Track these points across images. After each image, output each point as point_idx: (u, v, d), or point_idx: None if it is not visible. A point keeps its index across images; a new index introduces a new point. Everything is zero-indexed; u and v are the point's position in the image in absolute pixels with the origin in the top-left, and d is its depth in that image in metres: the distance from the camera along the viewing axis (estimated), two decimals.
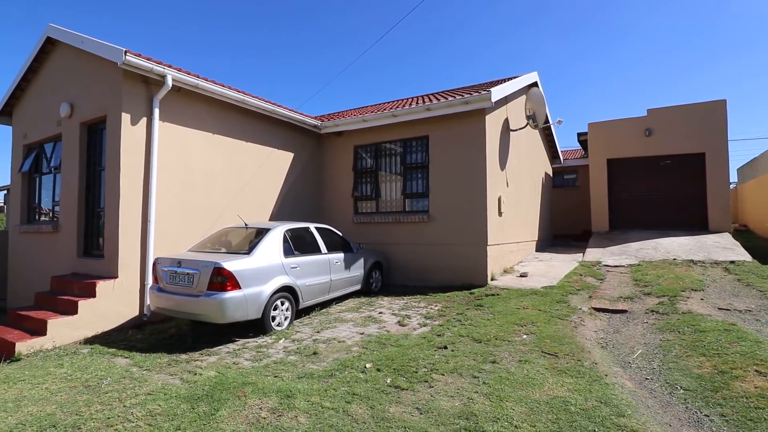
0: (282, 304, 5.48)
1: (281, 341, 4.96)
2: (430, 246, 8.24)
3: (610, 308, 5.92)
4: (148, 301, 6.02)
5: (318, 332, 5.29)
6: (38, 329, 5.24)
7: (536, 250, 11.46)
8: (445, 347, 4.40)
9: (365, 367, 3.93)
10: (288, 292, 5.59)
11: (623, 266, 8.70)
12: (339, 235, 7.24)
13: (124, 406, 3.31)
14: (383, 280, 8.17)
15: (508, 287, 7.24)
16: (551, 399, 3.22)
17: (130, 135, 6.05)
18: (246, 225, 6.22)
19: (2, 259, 8.94)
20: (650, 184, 12.45)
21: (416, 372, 3.77)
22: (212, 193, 7.22)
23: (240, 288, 4.91)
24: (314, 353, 4.43)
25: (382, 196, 9.16)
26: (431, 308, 6.33)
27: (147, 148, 6.22)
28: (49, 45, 7.42)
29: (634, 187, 12.66)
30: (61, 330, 5.23)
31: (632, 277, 7.65)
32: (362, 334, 5.13)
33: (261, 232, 5.84)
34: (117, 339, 5.37)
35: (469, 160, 7.86)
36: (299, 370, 3.98)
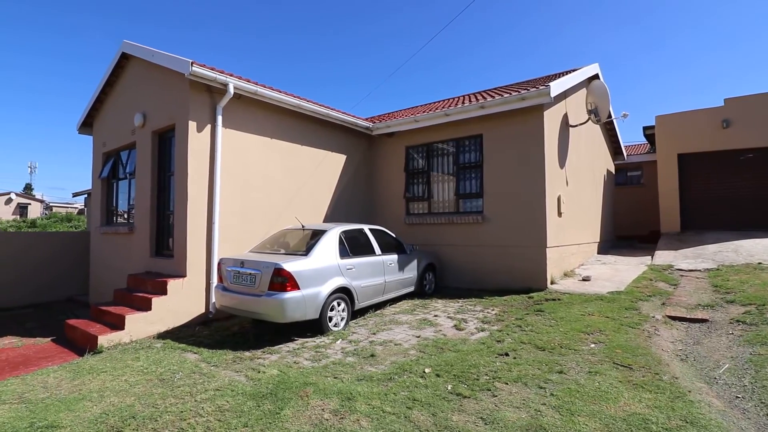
0: (338, 305, 5.55)
1: (338, 342, 5.01)
2: (484, 248, 8.02)
3: (688, 317, 5.44)
4: (213, 299, 6.33)
5: (374, 334, 5.30)
6: (117, 324, 5.66)
7: (598, 253, 10.83)
8: (507, 354, 4.24)
9: (424, 371, 3.87)
10: (344, 293, 5.65)
11: (699, 270, 7.99)
12: (392, 236, 7.22)
13: (195, 401, 3.47)
14: (436, 282, 8.06)
15: (569, 292, 6.87)
16: (629, 415, 2.98)
17: (196, 142, 6.38)
18: (303, 227, 6.37)
19: (85, 258, 9.80)
20: (728, 181, 11.37)
21: (477, 379, 3.65)
22: (270, 196, 7.46)
23: (299, 288, 5.02)
24: (372, 355, 4.43)
25: (434, 197, 9.05)
26: (488, 312, 6.15)
27: (211, 153, 6.54)
28: (124, 60, 8.02)
29: (709, 183, 11.62)
30: (137, 325, 5.62)
31: (711, 283, 7.00)
32: (418, 337, 5.07)
33: (317, 234, 5.95)
34: (186, 335, 5.69)
35: (526, 158, 7.56)
36: (358, 372, 3.99)
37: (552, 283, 7.37)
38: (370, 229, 6.73)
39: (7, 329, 7.02)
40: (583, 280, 7.67)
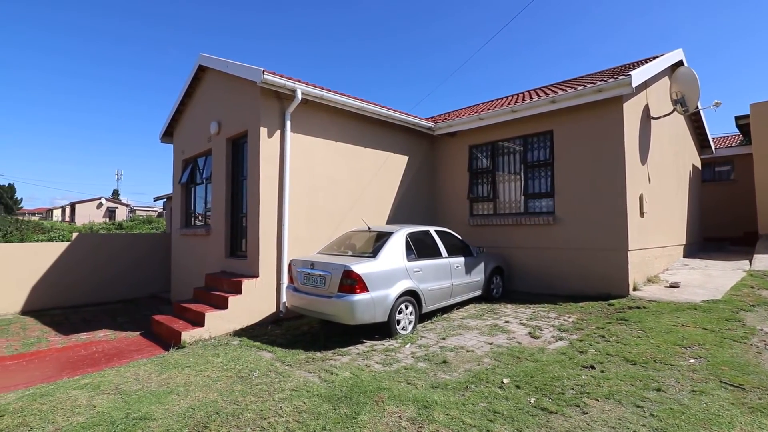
0: (406, 308, 5.47)
1: (408, 346, 4.93)
2: (556, 250, 7.57)
3: None
4: (284, 299, 6.52)
5: (443, 339, 5.16)
6: (197, 321, 6.00)
7: (684, 256, 9.86)
8: (593, 367, 3.92)
9: (502, 382, 3.67)
10: (411, 296, 5.57)
11: None
12: (459, 238, 7.03)
13: (274, 400, 3.54)
14: (504, 286, 7.73)
15: (656, 299, 6.28)
16: None
17: (267, 147, 6.62)
18: (369, 228, 6.38)
19: (166, 257, 10.58)
20: None
21: (563, 393, 3.40)
22: (335, 198, 7.57)
23: (368, 291, 5.01)
24: (444, 362, 4.30)
25: (500, 197, 8.71)
26: (564, 320, 5.77)
27: (281, 157, 6.75)
28: (200, 72, 8.54)
29: None
30: (215, 322, 5.92)
31: None
32: (491, 344, 4.86)
33: (384, 236, 5.92)
34: (259, 333, 5.90)
35: (603, 154, 7.03)
36: (431, 378, 3.88)
37: (634, 289, 6.78)
38: (436, 231, 6.59)
39: (103, 323, 7.73)
40: (671, 286, 6.98)
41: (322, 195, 7.37)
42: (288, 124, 6.77)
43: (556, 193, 7.65)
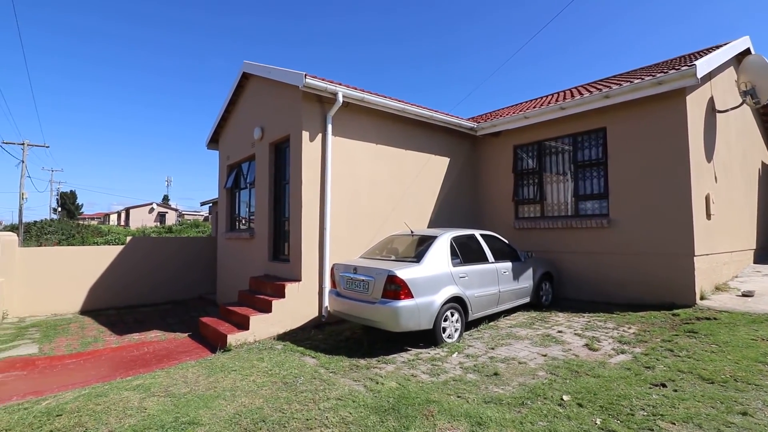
0: (452, 315, 5.26)
1: (455, 355, 4.72)
2: (610, 255, 7.10)
3: None
4: (326, 303, 6.48)
5: (492, 349, 4.90)
6: (242, 324, 6.06)
7: (755, 262, 9.02)
8: (663, 385, 3.56)
9: (562, 399, 3.40)
10: (457, 302, 5.35)
11: None
12: (505, 242, 6.73)
13: (319, 409, 3.45)
14: (554, 293, 7.34)
15: (728, 310, 5.72)
16: None
17: (309, 150, 6.62)
18: (412, 232, 6.22)
19: (213, 260, 10.89)
20: None
21: (632, 415, 3.08)
22: (376, 201, 7.48)
23: (412, 297, 4.85)
24: (495, 374, 4.06)
25: (548, 199, 8.30)
26: (624, 331, 5.35)
27: (322, 161, 6.73)
28: (244, 79, 8.72)
29: None
30: (260, 326, 5.95)
31: None
32: (545, 356, 4.56)
33: (427, 240, 5.74)
34: (302, 337, 5.87)
35: (665, 152, 6.52)
36: (483, 392, 3.66)
37: (702, 298, 6.21)
38: (482, 235, 6.34)
39: (154, 323, 8.01)
40: (744, 295, 6.36)
41: (363, 198, 7.29)
42: (329, 127, 6.75)
43: (610, 193, 7.19)
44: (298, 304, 6.37)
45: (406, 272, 4.91)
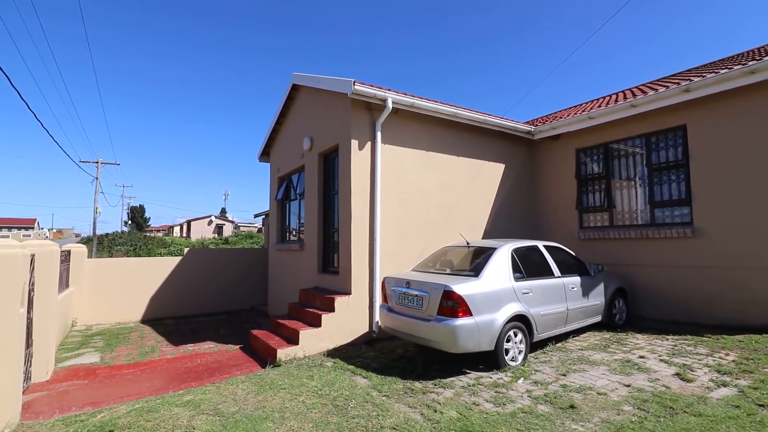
0: (515, 335, 4.77)
1: (520, 381, 4.23)
2: (696, 269, 6.26)
3: None
4: (376, 318, 6.19)
5: (563, 375, 4.36)
6: (292, 338, 5.90)
7: None
8: None
9: None
10: (521, 321, 4.85)
11: None
12: (572, 255, 6.12)
13: None
14: (628, 311, 6.59)
15: None
16: None
17: (358, 159, 6.43)
18: (468, 243, 5.80)
19: (265, 271, 10.98)
20: None
21: None
22: (427, 211, 7.13)
23: (471, 314, 4.43)
24: (571, 406, 3.54)
25: (617, 207, 7.55)
26: (721, 358, 4.60)
27: (371, 170, 6.51)
28: (294, 92, 8.75)
29: None
30: (309, 340, 5.76)
31: None
32: (628, 386, 3.96)
33: (485, 251, 5.30)
34: (353, 354, 5.60)
35: (762, 150, 5.67)
36: (558, 428, 3.17)
37: None
38: (545, 246, 5.79)
39: (208, 334, 8.10)
40: None
41: (414, 207, 6.97)
42: (378, 135, 6.53)
43: (693, 199, 6.37)
44: (347, 319, 6.12)
45: (463, 287, 4.50)
